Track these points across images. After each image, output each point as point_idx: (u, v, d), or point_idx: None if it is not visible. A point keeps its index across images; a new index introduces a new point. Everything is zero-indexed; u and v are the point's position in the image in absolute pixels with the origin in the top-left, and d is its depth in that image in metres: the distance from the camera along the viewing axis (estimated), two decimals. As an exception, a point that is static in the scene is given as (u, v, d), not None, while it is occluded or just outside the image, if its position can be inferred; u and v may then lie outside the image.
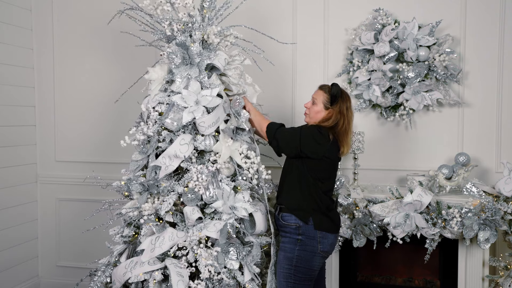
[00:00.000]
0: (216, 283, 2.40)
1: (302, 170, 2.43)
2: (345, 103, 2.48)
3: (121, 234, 2.59)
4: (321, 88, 2.53)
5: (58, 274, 3.95)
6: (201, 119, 2.43)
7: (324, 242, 2.42)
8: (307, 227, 2.39)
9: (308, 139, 2.39)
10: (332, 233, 2.46)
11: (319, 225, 2.40)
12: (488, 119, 3.17)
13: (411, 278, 3.26)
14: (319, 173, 2.43)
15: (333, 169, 2.51)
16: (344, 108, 2.47)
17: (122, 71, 3.70)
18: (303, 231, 2.40)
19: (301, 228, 2.40)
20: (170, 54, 2.49)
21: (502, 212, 2.72)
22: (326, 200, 2.46)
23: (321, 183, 2.43)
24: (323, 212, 2.43)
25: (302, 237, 2.40)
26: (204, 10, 2.55)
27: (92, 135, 3.85)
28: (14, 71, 3.74)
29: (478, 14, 3.15)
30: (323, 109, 2.49)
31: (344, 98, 2.48)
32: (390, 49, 3.14)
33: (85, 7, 3.81)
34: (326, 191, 2.47)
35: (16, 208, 3.76)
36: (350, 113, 2.50)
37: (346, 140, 2.46)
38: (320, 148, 2.38)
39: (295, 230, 2.42)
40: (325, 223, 2.42)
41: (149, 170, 2.48)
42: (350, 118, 2.49)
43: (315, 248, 2.40)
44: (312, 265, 2.42)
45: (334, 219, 2.50)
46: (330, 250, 2.48)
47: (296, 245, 2.41)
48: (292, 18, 3.46)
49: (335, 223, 2.49)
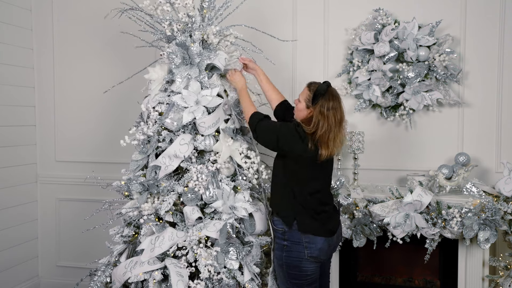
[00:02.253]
0: (215, 283, 2.40)
1: (284, 171, 2.33)
2: (327, 102, 2.23)
3: (121, 234, 2.59)
4: (307, 85, 2.35)
5: (58, 274, 3.95)
6: (201, 119, 2.43)
7: (312, 247, 2.29)
8: (292, 232, 2.30)
9: (285, 136, 2.26)
10: (321, 236, 2.30)
11: (303, 228, 2.28)
12: (488, 119, 3.17)
13: (411, 278, 3.26)
14: (300, 174, 2.30)
15: (318, 169, 2.32)
16: (325, 108, 2.22)
17: (122, 71, 3.69)
18: (288, 236, 2.31)
19: (286, 233, 2.32)
20: (170, 54, 2.49)
21: (502, 212, 2.71)
22: (312, 202, 2.31)
23: (304, 184, 2.30)
24: (310, 215, 2.30)
25: (288, 243, 2.32)
26: (204, 10, 2.56)
27: (92, 135, 3.85)
28: (14, 71, 3.74)
29: (478, 14, 3.15)
30: (305, 107, 2.31)
31: (328, 97, 2.24)
32: (390, 49, 3.14)
33: (85, 7, 3.81)
34: (312, 193, 2.31)
35: (16, 208, 3.76)
36: (333, 114, 2.23)
37: (327, 143, 2.22)
38: (295, 146, 2.24)
39: (282, 235, 2.35)
40: (310, 226, 2.29)
41: (149, 170, 2.49)
42: (333, 120, 2.23)
43: (301, 254, 2.29)
44: (304, 270, 2.31)
45: (326, 222, 2.34)
46: (321, 255, 2.32)
47: (283, 251, 2.34)
48: (292, 18, 3.46)
49: (325, 226, 2.33)
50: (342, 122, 2.29)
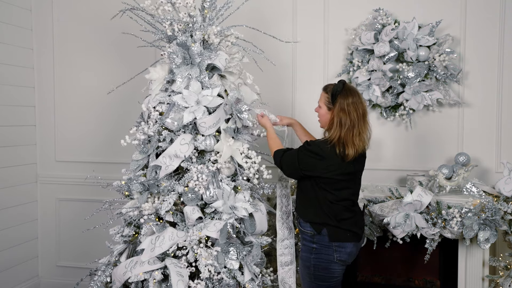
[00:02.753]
0: (216, 283, 2.40)
1: (312, 183, 2.32)
2: (346, 99, 2.22)
3: (121, 234, 2.59)
4: (323, 89, 2.37)
5: (58, 274, 3.95)
6: (202, 119, 2.43)
7: (341, 251, 2.29)
8: (321, 236, 2.30)
9: (303, 161, 2.28)
10: (350, 242, 2.30)
11: (333, 236, 2.28)
12: (488, 119, 3.17)
13: (411, 278, 3.26)
14: (327, 185, 2.28)
15: (346, 178, 2.28)
16: (345, 104, 2.22)
17: (123, 71, 3.70)
18: (317, 239, 2.31)
19: (315, 236, 2.32)
20: (171, 54, 2.49)
21: (502, 212, 2.72)
22: (340, 210, 2.29)
23: (331, 194, 2.28)
24: (338, 223, 2.28)
25: (317, 246, 2.31)
26: (205, 10, 2.56)
27: (92, 135, 3.85)
28: (14, 71, 3.74)
29: (478, 14, 3.15)
30: (327, 111, 2.32)
31: (345, 93, 2.24)
32: (390, 49, 3.15)
33: (85, 7, 3.81)
34: (340, 201, 2.29)
35: (16, 208, 3.76)
36: (354, 108, 2.22)
37: (352, 140, 2.21)
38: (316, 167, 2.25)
39: (311, 238, 2.34)
40: (339, 235, 2.28)
41: (150, 169, 2.49)
42: (355, 115, 2.21)
43: (331, 257, 2.29)
44: (332, 272, 2.31)
45: (351, 227, 2.31)
46: (349, 259, 2.33)
47: (311, 254, 2.33)
48: (292, 18, 3.46)
49: (352, 231, 2.31)
50: (365, 116, 2.28)
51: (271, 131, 2.56)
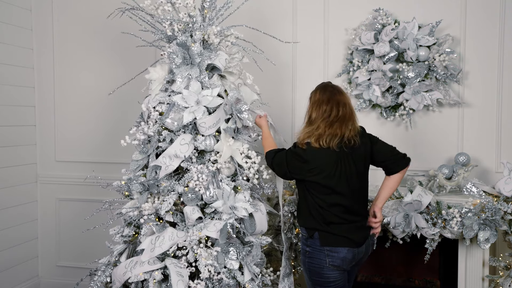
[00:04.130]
0: (216, 283, 2.40)
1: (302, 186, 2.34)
2: (313, 93, 2.35)
3: (121, 234, 2.59)
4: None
5: (58, 274, 3.95)
6: (202, 119, 2.43)
7: (333, 256, 2.25)
8: (314, 239, 2.30)
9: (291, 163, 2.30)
10: (343, 247, 2.25)
11: (324, 241, 2.27)
12: (488, 119, 3.17)
13: (411, 278, 3.26)
14: (314, 190, 2.28)
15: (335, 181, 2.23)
16: (313, 97, 2.33)
17: (123, 71, 3.70)
18: (310, 243, 2.32)
19: (308, 240, 2.33)
20: (170, 54, 2.49)
21: (502, 212, 2.71)
22: (331, 215, 2.26)
23: (318, 198, 2.27)
24: (324, 229, 2.26)
25: (310, 249, 2.32)
26: (205, 10, 2.55)
27: (92, 135, 3.85)
28: (14, 71, 3.74)
29: (478, 14, 3.15)
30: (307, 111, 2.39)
31: (315, 89, 2.36)
32: (390, 49, 3.14)
33: (85, 7, 3.81)
34: (329, 206, 2.26)
35: (16, 208, 3.76)
36: (317, 97, 2.29)
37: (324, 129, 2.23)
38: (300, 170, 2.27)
39: (305, 241, 2.36)
40: (329, 239, 2.26)
41: (150, 169, 2.49)
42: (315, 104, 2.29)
43: (322, 262, 2.27)
44: (326, 277, 2.28)
45: (350, 233, 2.26)
46: (343, 265, 2.27)
47: (306, 257, 2.35)
48: (292, 19, 3.46)
49: (349, 238, 2.25)
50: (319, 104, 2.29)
51: (266, 131, 2.58)
